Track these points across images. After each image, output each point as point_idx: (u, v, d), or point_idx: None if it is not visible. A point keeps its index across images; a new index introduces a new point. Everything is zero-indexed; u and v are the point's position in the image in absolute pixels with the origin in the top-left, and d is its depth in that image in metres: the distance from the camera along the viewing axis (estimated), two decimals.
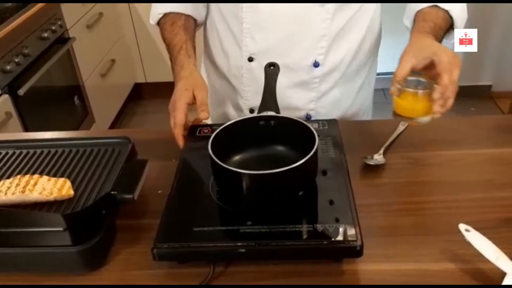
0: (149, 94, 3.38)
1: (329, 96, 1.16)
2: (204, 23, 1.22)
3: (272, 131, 0.91)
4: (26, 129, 2.02)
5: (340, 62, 1.13)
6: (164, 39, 1.15)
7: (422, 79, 0.93)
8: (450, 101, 0.89)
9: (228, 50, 1.15)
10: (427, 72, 0.91)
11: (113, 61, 2.94)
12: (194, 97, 1.03)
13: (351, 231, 0.74)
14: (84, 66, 2.56)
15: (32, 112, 2.07)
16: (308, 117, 1.17)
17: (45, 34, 2.16)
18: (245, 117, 0.92)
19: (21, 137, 1.14)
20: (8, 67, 1.87)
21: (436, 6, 1.03)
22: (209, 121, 1.09)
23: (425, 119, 0.93)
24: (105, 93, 2.90)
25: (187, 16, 1.14)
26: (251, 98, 1.19)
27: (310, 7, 1.05)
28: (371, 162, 0.96)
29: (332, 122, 1.02)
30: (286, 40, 1.07)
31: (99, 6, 2.78)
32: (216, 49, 1.18)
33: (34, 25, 2.10)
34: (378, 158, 0.97)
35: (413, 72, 0.90)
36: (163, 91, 3.30)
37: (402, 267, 0.76)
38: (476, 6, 2.58)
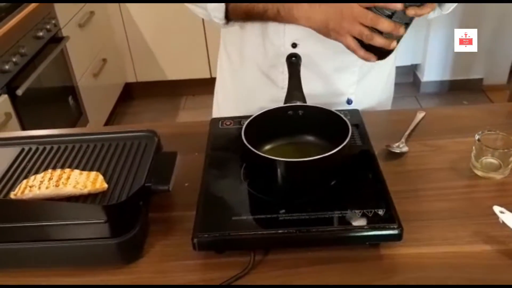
0: (140, 94, 3.37)
1: (366, 80, 1.16)
2: None
3: (301, 121, 0.92)
4: (24, 130, 1.99)
5: None
6: (244, 11, 1.05)
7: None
8: None
9: (266, 39, 1.11)
10: None
11: (104, 60, 2.92)
12: None
13: (390, 216, 0.76)
14: (77, 65, 2.54)
15: (29, 112, 2.04)
16: (349, 102, 1.16)
17: (40, 33, 2.13)
18: (274, 107, 0.92)
19: (41, 133, 1.12)
20: (7, 67, 1.85)
21: None
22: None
23: None
24: (98, 93, 2.87)
25: None
26: None
27: None
28: (396, 150, 0.97)
29: (354, 112, 1.03)
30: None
31: (90, 5, 2.75)
32: (248, 41, 1.14)
33: (30, 24, 2.08)
34: (402, 146, 0.99)
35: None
36: (153, 90, 3.32)
37: (438, 250, 0.78)
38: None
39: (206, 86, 1.32)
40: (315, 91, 1.13)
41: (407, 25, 0.90)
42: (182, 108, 3.31)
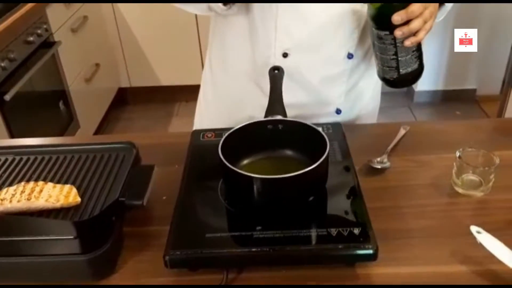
0: (134, 99, 3.36)
1: (355, 89, 1.15)
2: (214, 29, 1.18)
3: (280, 135, 0.90)
4: (12, 136, 1.98)
5: (367, 52, 1.11)
6: None
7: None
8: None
9: (256, 48, 1.10)
10: None
11: (97, 65, 2.90)
12: None
13: (366, 235, 0.75)
14: (69, 70, 2.52)
15: (17, 118, 2.02)
16: (337, 112, 1.15)
17: (31, 38, 2.12)
18: (253, 121, 0.91)
19: (18, 143, 1.11)
20: None
21: None
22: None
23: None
24: (90, 98, 2.86)
25: None
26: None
27: None
28: (378, 166, 0.96)
29: (336, 125, 1.02)
30: (322, 33, 1.04)
31: (84, 10, 2.74)
32: (235, 50, 1.13)
33: (20, 29, 2.06)
34: (384, 161, 0.97)
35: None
36: (148, 96, 3.30)
37: (414, 270, 0.77)
38: (459, 10, 2.63)
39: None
40: (304, 101, 1.12)
41: (414, 52, 0.95)
42: (175, 114, 3.29)
